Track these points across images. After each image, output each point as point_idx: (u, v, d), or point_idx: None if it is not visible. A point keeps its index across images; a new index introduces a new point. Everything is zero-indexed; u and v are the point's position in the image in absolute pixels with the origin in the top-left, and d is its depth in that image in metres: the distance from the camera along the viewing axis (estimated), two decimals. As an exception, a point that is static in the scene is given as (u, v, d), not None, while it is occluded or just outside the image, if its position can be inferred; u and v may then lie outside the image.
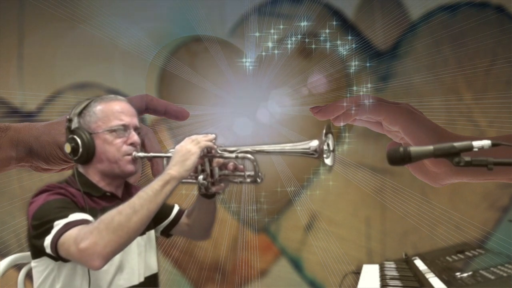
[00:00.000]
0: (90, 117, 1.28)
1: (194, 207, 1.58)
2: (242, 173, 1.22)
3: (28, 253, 1.58)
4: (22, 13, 2.78)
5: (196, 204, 1.56)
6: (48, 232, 1.23)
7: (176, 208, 1.63)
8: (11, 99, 2.78)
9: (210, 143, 1.19)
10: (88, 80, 2.76)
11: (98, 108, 1.29)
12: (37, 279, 1.35)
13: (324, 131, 0.71)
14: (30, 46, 2.79)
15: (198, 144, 1.19)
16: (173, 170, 1.17)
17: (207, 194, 1.47)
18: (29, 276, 1.62)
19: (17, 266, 1.59)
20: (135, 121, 1.32)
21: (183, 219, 1.61)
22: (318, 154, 0.87)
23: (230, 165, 1.24)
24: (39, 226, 1.25)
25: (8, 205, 2.69)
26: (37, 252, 1.31)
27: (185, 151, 1.18)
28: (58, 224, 1.22)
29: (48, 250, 1.23)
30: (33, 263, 1.35)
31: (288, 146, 0.95)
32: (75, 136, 1.15)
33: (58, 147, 0.61)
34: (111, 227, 1.13)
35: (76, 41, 2.73)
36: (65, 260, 1.26)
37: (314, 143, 0.88)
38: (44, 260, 1.32)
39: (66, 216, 1.23)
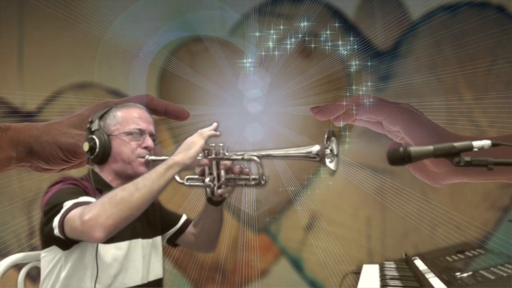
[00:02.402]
0: (110, 121, 1.37)
1: (201, 216, 1.63)
2: (247, 176, 1.27)
3: (28, 253, 1.60)
4: (22, 13, 2.78)
5: (203, 213, 1.61)
6: (57, 212, 1.31)
7: (184, 218, 1.69)
8: (11, 99, 2.78)
9: (212, 132, 1.27)
10: (88, 80, 2.76)
11: (118, 113, 1.39)
12: (44, 268, 1.42)
13: (326, 135, 0.71)
14: (30, 46, 2.79)
15: (201, 135, 1.27)
16: (177, 156, 1.25)
17: (213, 200, 1.52)
18: (29, 276, 1.62)
19: (17, 266, 1.60)
20: (151, 128, 1.44)
21: (190, 228, 1.67)
22: (320, 158, 0.88)
23: (236, 168, 1.29)
24: (50, 210, 1.34)
25: (8, 205, 2.69)
26: (47, 241, 1.39)
27: (190, 142, 1.27)
28: (67, 204, 1.31)
29: (56, 231, 1.30)
30: (42, 254, 1.42)
31: (291, 151, 0.97)
32: (94, 137, 1.19)
33: (58, 147, 0.61)
34: (114, 201, 1.22)
35: (76, 41, 2.73)
36: (70, 241, 1.33)
37: (316, 147, 0.90)
38: (53, 250, 1.39)
39: (76, 198, 1.33)
